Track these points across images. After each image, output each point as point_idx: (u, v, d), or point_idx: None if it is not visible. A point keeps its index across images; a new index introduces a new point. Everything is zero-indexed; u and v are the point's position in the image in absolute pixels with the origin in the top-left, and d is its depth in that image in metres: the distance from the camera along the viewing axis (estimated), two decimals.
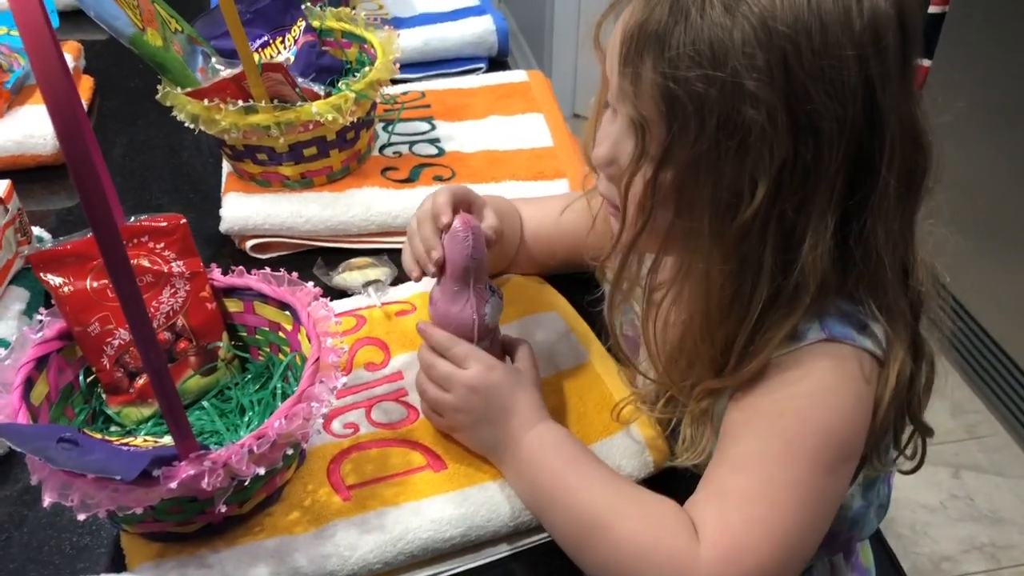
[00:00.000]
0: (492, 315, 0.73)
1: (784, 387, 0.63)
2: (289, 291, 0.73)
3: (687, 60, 0.56)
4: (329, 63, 1.09)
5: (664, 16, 0.57)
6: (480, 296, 0.72)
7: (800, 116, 0.56)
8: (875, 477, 0.75)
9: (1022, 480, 1.78)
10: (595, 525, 0.65)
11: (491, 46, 1.34)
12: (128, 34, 0.93)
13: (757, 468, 0.63)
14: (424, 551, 0.67)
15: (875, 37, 0.56)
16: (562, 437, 0.70)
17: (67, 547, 0.70)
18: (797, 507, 0.61)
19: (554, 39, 2.80)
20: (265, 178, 1.02)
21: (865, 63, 0.56)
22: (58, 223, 1.05)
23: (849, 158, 0.58)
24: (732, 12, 0.55)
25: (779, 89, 0.55)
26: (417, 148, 1.11)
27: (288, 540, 0.67)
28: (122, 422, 0.74)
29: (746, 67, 0.55)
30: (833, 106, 0.56)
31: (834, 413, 0.63)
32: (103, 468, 0.57)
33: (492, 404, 0.71)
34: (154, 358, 0.54)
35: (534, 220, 0.90)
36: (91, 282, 0.71)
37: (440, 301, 0.73)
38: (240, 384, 0.77)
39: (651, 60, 0.58)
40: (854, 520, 0.76)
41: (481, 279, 0.72)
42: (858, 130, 0.57)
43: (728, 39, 0.55)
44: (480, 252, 0.71)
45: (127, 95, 1.29)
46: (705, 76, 0.56)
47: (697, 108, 0.57)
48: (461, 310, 0.72)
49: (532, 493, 0.69)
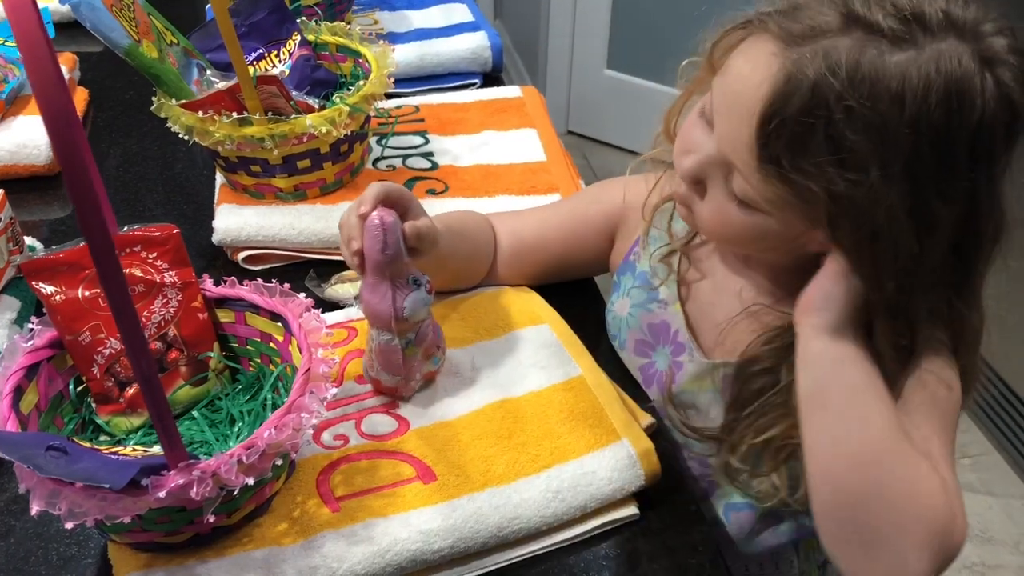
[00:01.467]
0: (412, 309, 0.74)
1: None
2: (281, 302, 0.73)
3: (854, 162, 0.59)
4: (324, 76, 1.09)
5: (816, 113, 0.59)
6: (399, 289, 0.73)
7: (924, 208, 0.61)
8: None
9: (1012, 500, 1.78)
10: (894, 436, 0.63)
11: (485, 62, 1.35)
12: (124, 46, 0.93)
13: (925, 407, 0.67)
14: (412, 563, 0.67)
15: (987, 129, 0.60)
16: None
17: (54, 557, 0.70)
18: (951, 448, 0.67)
19: (548, 56, 2.82)
20: (259, 190, 1.02)
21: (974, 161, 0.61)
22: (50, 233, 1.05)
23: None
24: (870, 116, 0.59)
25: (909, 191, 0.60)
26: (411, 162, 1.11)
27: (276, 551, 0.67)
28: (112, 431, 0.74)
29: (884, 173, 0.59)
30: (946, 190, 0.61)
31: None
32: (92, 476, 0.56)
33: None
34: (145, 367, 0.54)
35: (519, 232, 0.91)
36: (83, 291, 0.71)
37: (363, 290, 0.74)
38: (230, 394, 0.77)
39: (795, 159, 0.61)
40: None
41: (399, 273, 0.73)
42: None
43: (868, 147, 0.59)
44: (393, 248, 0.71)
45: (122, 107, 1.30)
46: (853, 183, 0.59)
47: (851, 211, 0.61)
48: (380, 301, 0.73)
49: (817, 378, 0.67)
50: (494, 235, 0.91)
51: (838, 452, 0.63)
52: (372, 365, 0.78)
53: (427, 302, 0.75)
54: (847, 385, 0.64)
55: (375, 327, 0.75)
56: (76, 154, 0.45)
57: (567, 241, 0.92)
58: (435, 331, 0.79)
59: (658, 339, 0.84)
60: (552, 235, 0.91)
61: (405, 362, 0.76)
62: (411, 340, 0.76)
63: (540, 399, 0.79)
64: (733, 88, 0.65)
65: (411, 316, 0.74)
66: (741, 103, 0.63)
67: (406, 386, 0.79)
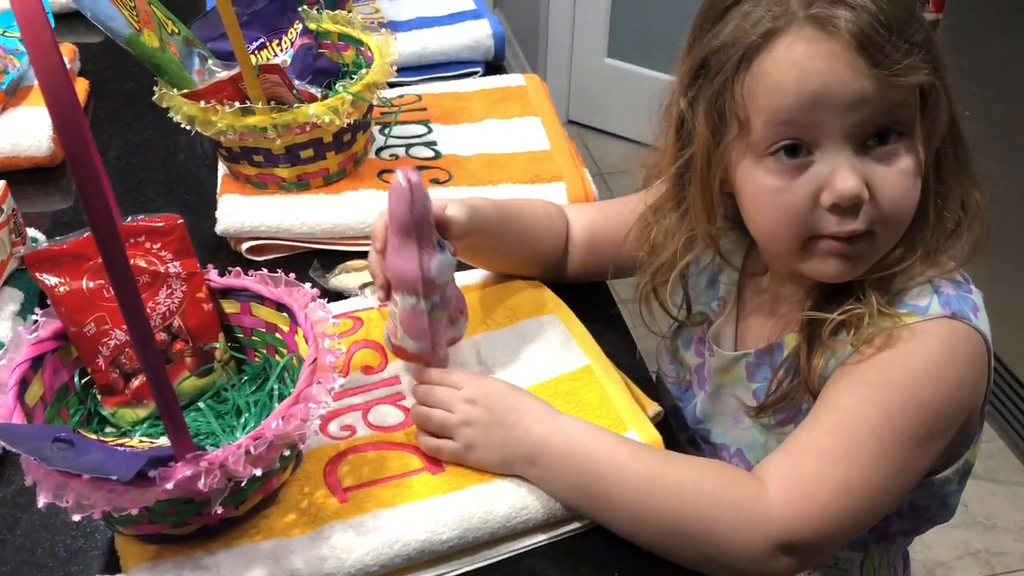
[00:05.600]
0: (439, 271, 0.73)
1: (897, 358, 0.66)
2: (286, 292, 0.73)
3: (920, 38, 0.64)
4: (326, 66, 1.08)
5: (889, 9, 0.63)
6: (425, 251, 0.72)
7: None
8: (972, 464, 0.77)
9: (1016, 486, 1.78)
10: (659, 481, 0.66)
11: (487, 50, 1.34)
12: (125, 35, 0.93)
13: (849, 431, 0.65)
14: (421, 553, 0.67)
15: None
16: (589, 424, 0.72)
17: (61, 550, 0.69)
18: (878, 474, 0.65)
19: (548, 45, 2.80)
20: (261, 180, 1.02)
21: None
22: (53, 224, 1.04)
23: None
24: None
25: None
26: (414, 151, 1.11)
27: (285, 542, 0.66)
28: (117, 423, 0.74)
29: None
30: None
31: (937, 389, 0.66)
32: (99, 468, 0.56)
33: (496, 407, 0.71)
34: (152, 358, 0.53)
35: (591, 224, 0.91)
36: (87, 282, 0.71)
37: (389, 253, 0.74)
38: (236, 385, 0.77)
39: (908, 57, 0.63)
40: (944, 502, 0.78)
41: (426, 234, 0.72)
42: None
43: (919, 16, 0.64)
44: (420, 207, 0.71)
45: (123, 97, 1.29)
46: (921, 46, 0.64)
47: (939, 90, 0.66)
48: (407, 263, 0.72)
49: (580, 480, 0.68)
50: (567, 226, 0.90)
51: (640, 535, 0.68)
52: (396, 332, 0.77)
53: (452, 264, 0.75)
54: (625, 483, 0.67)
55: (400, 291, 0.74)
56: (81, 142, 0.44)
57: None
58: (458, 295, 0.79)
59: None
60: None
61: (431, 326, 0.75)
62: (436, 303, 0.75)
63: (547, 389, 0.78)
64: (810, 87, 0.64)
65: (438, 278, 0.73)
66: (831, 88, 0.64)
67: (432, 353, 0.77)
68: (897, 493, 0.67)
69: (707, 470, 0.68)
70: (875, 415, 0.65)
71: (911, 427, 0.65)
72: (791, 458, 0.66)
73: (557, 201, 1.00)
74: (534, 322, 0.85)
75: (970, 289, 0.71)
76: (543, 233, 0.89)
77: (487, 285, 0.90)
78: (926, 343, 0.66)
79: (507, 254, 0.88)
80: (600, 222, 0.91)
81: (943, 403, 0.66)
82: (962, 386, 0.67)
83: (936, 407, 0.66)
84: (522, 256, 0.89)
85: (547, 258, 0.90)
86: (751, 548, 0.64)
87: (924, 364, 0.66)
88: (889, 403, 0.65)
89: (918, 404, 0.66)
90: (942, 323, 0.67)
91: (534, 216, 0.89)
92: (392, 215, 0.71)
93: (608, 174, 2.59)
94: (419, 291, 0.73)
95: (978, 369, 0.68)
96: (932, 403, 0.66)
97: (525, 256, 0.89)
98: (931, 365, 0.66)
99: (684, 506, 0.65)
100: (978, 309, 0.69)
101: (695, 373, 0.85)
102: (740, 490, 0.65)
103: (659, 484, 0.66)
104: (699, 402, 0.84)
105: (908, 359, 0.66)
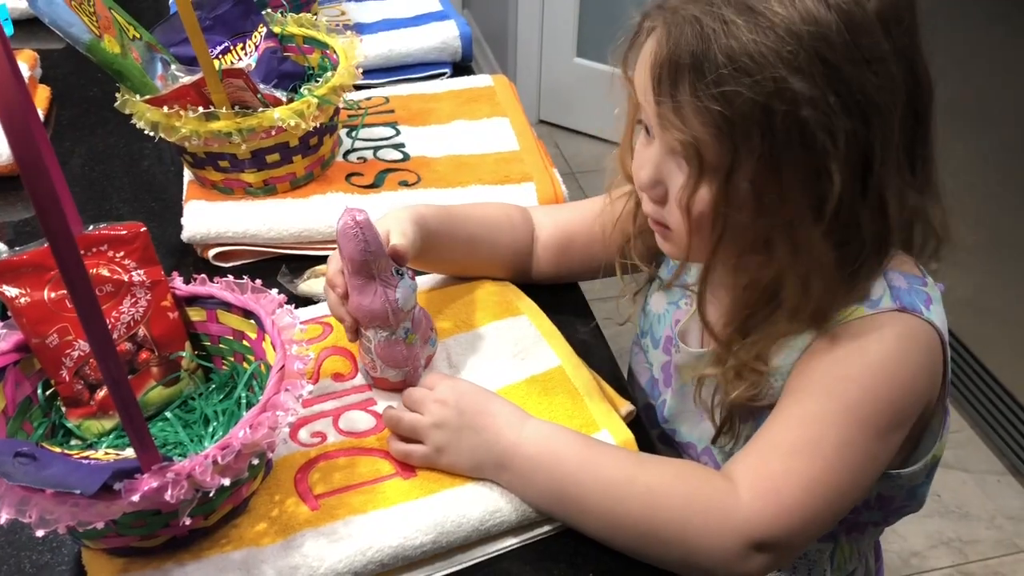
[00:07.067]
0: (404, 300, 0.74)
1: (853, 352, 0.67)
2: (253, 299, 0.72)
3: (730, 78, 0.59)
4: (291, 69, 1.08)
5: (693, 44, 0.60)
6: (388, 284, 0.72)
7: (851, 98, 0.60)
8: (940, 458, 0.77)
9: (987, 475, 1.80)
10: (630, 484, 0.66)
11: (455, 51, 1.34)
12: (85, 41, 0.91)
13: (811, 426, 0.66)
14: (394, 559, 0.66)
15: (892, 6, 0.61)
16: (559, 427, 0.72)
17: (27, 565, 0.68)
18: (842, 466, 0.66)
19: (517, 45, 2.80)
20: (227, 185, 1.01)
21: (888, 32, 0.61)
22: (15, 234, 1.03)
23: (907, 119, 0.63)
24: (757, 26, 0.59)
25: (822, 80, 0.59)
26: (382, 153, 1.10)
27: (256, 552, 0.66)
28: (83, 435, 0.72)
29: (789, 69, 0.58)
30: (879, 80, 0.61)
31: (895, 381, 0.67)
32: (62, 482, 0.55)
33: (467, 408, 0.71)
34: (114, 369, 0.52)
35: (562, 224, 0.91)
36: (49, 293, 0.70)
37: (352, 295, 0.73)
38: (204, 394, 0.76)
39: (689, 87, 0.61)
40: (912, 493, 0.79)
41: (384, 267, 0.72)
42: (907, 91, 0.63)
43: (764, 49, 0.58)
44: (374, 244, 0.71)
45: (86, 104, 1.27)
46: (755, 84, 0.58)
47: (756, 119, 0.60)
48: (372, 300, 0.72)
49: (551, 484, 0.68)
50: (531, 228, 0.90)
51: (614, 539, 0.68)
52: (375, 366, 0.77)
53: (415, 288, 0.75)
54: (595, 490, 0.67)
55: (371, 327, 0.74)
56: (32, 149, 0.43)
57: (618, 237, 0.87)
58: (424, 314, 0.79)
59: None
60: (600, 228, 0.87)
61: (409, 351, 0.76)
62: (408, 329, 0.75)
63: (519, 390, 0.78)
64: (637, 74, 0.66)
65: (405, 306, 0.74)
66: (642, 74, 0.65)
67: (415, 376, 0.78)
68: (863, 484, 0.68)
69: (677, 472, 0.68)
70: (836, 408, 0.66)
71: (871, 418, 0.66)
72: (758, 455, 0.67)
73: (527, 202, 1.00)
74: (505, 323, 0.85)
75: (925, 282, 0.71)
76: (499, 235, 0.89)
77: (456, 288, 0.90)
78: (883, 336, 0.67)
79: (457, 259, 0.89)
80: (571, 222, 0.91)
81: (901, 394, 0.68)
82: (918, 377, 0.68)
83: (894, 398, 0.67)
84: (477, 259, 0.89)
85: (505, 260, 0.90)
86: (724, 549, 0.64)
87: (880, 357, 0.67)
88: (848, 396, 0.66)
89: (875, 396, 0.67)
90: (895, 316, 0.68)
91: (486, 218, 0.89)
92: (348, 258, 0.71)
93: (580, 173, 2.59)
94: (391, 323, 0.74)
95: (933, 360, 0.69)
96: (890, 395, 0.67)
97: (481, 259, 0.89)
98: (886, 358, 0.67)
99: (656, 509, 0.65)
100: (931, 302, 0.70)
101: (662, 371, 0.85)
102: (711, 491, 0.66)
103: (630, 488, 0.66)
104: (666, 399, 0.84)
105: (864, 352, 0.67)
